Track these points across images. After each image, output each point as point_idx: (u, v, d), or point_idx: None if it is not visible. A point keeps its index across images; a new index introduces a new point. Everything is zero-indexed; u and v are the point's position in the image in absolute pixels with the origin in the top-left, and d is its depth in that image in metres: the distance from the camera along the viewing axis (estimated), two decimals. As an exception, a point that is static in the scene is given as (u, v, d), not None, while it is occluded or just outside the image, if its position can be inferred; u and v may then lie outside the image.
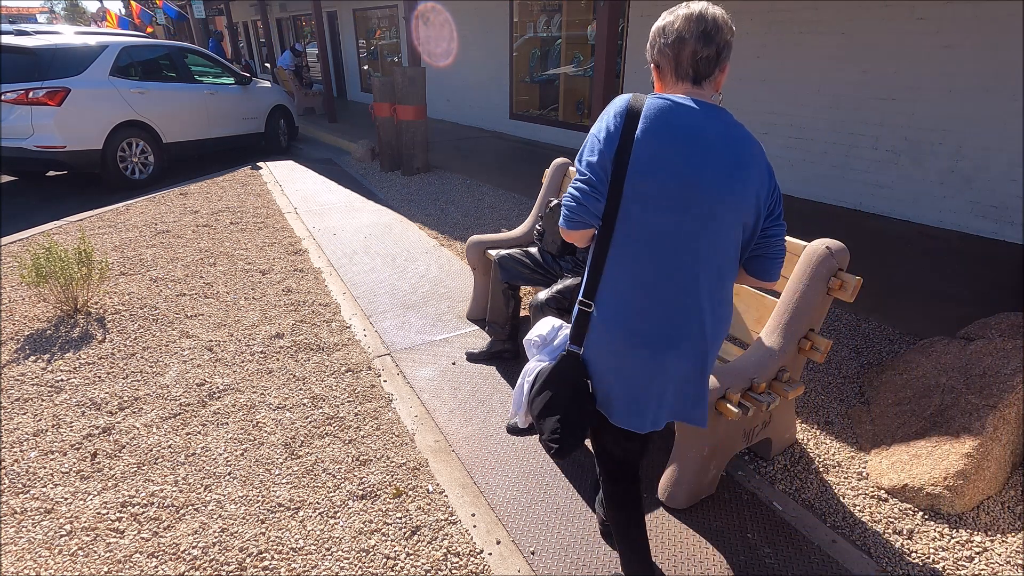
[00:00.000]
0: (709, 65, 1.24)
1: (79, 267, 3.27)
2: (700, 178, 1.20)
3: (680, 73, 1.25)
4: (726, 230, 1.24)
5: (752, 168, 1.23)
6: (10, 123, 5.59)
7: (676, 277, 1.25)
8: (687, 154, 1.20)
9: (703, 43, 1.21)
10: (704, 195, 1.20)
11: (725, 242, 1.26)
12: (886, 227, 4.91)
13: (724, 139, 1.21)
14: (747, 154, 1.22)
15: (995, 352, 2.35)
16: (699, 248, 1.24)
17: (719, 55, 1.23)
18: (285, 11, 18.13)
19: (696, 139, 1.20)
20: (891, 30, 4.80)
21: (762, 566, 1.81)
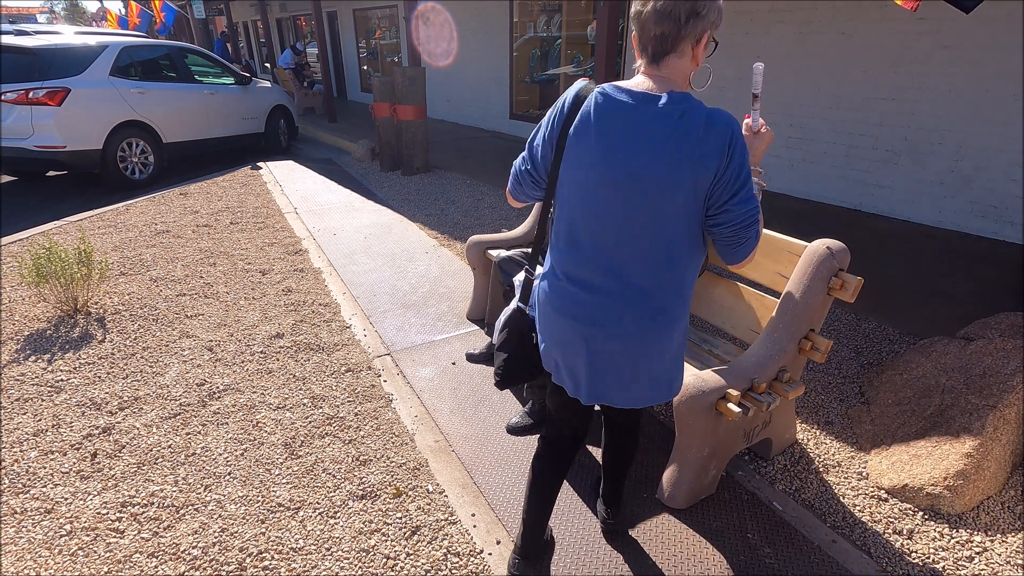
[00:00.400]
0: (665, 43, 1.19)
1: (79, 267, 3.27)
2: (626, 166, 1.20)
3: (641, 50, 1.24)
4: (661, 216, 1.22)
5: (690, 155, 1.16)
6: (10, 123, 5.59)
7: (601, 260, 1.29)
8: (615, 144, 1.21)
9: (656, 20, 1.17)
10: (630, 182, 1.20)
11: (661, 228, 1.23)
12: (886, 227, 4.91)
13: (656, 128, 1.18)
14: (687, 141, 1.16)
15: (995, 352, 2.35)
16: (627, 233, 1.25)
17: (679, 31, 1.17)
18: (285, 11, 18.13)
19: (626, 129, 1.20)
20: (891, 30, 4.80)
21: (762, 566, 1.81)
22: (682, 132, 1.16)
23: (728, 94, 6.19)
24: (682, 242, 1.25)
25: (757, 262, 2.20)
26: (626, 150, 1.20)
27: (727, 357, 2.25)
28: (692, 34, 1.18)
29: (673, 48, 1.20)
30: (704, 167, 1.17)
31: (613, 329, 1.31)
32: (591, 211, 1.27)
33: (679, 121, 1.17)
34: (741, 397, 1.86)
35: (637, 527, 1.96)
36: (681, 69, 1.23)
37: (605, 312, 1.31)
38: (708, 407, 1.86)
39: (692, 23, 1.17)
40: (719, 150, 1.16)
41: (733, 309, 2.32)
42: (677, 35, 1.18)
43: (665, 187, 1.18)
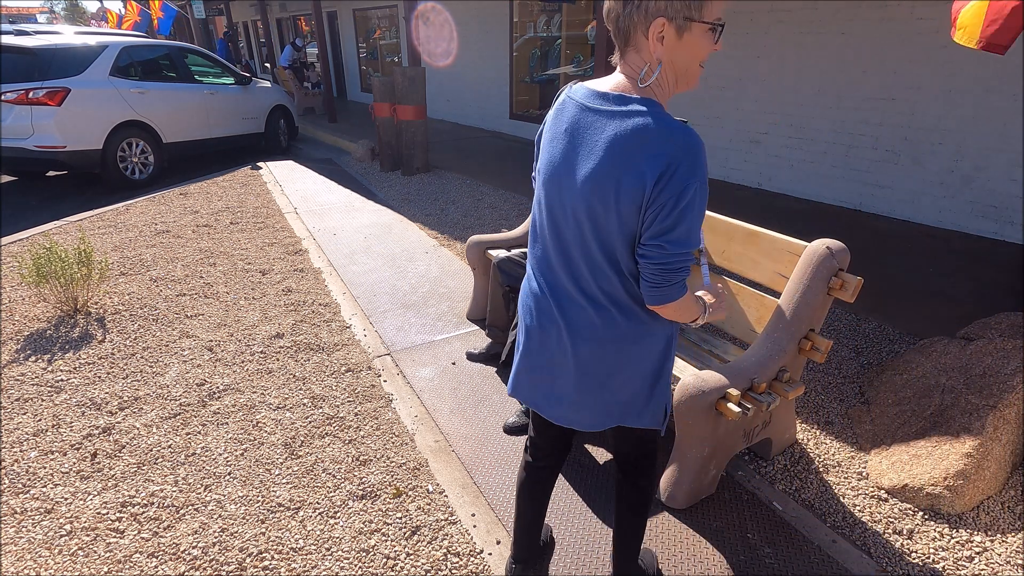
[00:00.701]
0: (619, 34, 1.08)
1: (79, 267, 3.27)
2: (566, 176, 1.15)
3: (615, 42, 1.13)
4: (599, 224, 1.12)
5: (630, 170, 1.03)
6: (10, 123, 5.59)
7: (551, 262, 1.26)
8: (560, 151, 1.16)
9: (609, 7, 1.07)
10: (567, 195, 1.15)
11: (594, 249, 1.15)
12: (886, 227, 4.91)
13: (602, 137, 1.07)
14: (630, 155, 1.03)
15: (995, 352, 2.35)
16: (565, 250, 1.21)
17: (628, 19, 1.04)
18: (285, 11, 18.13)
19: (572, 136, 1.14)
20: (891, 30, 4.80)
21: (762, 566, 1.81)
22: (625, 139, 1.04)
23: (728, 94, 6.19)
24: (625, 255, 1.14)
25: (756, 262, 2.20)
26: (572, 152, 1.14)
27: (727, 357, 2.25)
28: (640, 22, 1.03)
29: (627, 41, 1.08)
30: (640, 186, 1.03)
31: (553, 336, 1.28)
32: (546, 211, 1.23)
33: (628, 129, 1.04)
34: (741, 397, 1.86)
35: (637, 527, 1.95)
36: (640, 65, 1.08)
37: (547, 317, 1.28)
38: (708, 407, 1.86)
39: (634, 5, 1.02)
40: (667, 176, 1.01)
41: (733, 309, 2.32)
42: (628, 23, 1.05)
43: (601, 194, 1.08)
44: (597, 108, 1.11)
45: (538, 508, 1.62)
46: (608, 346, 1.23)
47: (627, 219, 1.08)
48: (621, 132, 1.05)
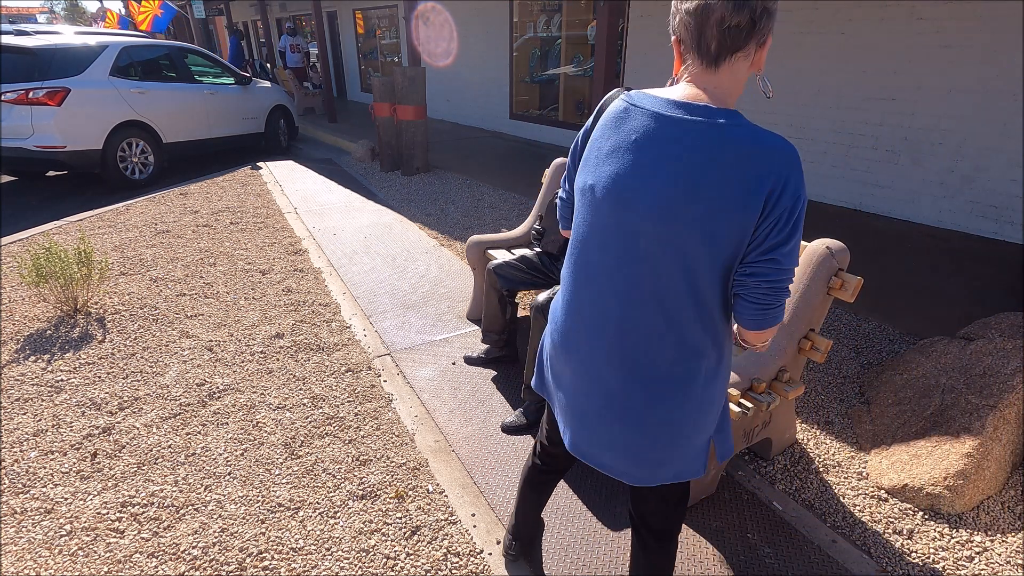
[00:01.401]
0: (738, 37, 0.96)
1: (79, 267, 3.27)
2: (634, 196, 1.01)
3: (696, 49, 1.00)
4: (665, 259, 1.01)
5: (719, 192, 0.94)
6: (10, 123, 5.59)
7: (597, 305, 1.10)
8: (625, 165, 1.02)
9: (733, 9, 0.94)
10: (635, 215, 1.01)
11: (664, 275, 1.02)
12: (886, 227, 4.91)
13: (685, 154, 0.96)
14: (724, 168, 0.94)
15: (995, 352, 2.35)
16: (622, 276, 1.06)
17: (754, 24, 0.95)
18: (285, 11, 18.12)
19: (647, 148, 1.00)
20: (891, 30, 4.80)
21: (762, 566, 1.81)
22: (720, 157, 0.95)
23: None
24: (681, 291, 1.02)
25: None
26: (644, 169, 1.00)
27: (727, 357, 2.25)
28: (761, 33, 0.98)
29: (743, 46, 0.97)
30: (744, 204, 0.94)
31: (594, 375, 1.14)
32: (595, 234, 1.09)
33: (718, 142, 0.95)
34: (741, 397, 1.86)
35: (637, 527, 1.96)
36: (740, 75, 1.01)
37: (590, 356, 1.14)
38: (708, 407, 1.86)
39: (765, 20, 0.97)
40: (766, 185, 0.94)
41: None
42: (751, 30, 0.96)
43: (682, 220, 0.97)
44: (680, 118, 0.98)
45: (541, 500, 1.68)
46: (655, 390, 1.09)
47: (726, 240, 0.97)
48: (721, 147, 0.95)
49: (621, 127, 1.05)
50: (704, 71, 1.01)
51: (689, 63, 1.03)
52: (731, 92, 1.01)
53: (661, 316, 1.05)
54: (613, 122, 1.07)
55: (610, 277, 1.08)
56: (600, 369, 1.13)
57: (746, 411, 1.80)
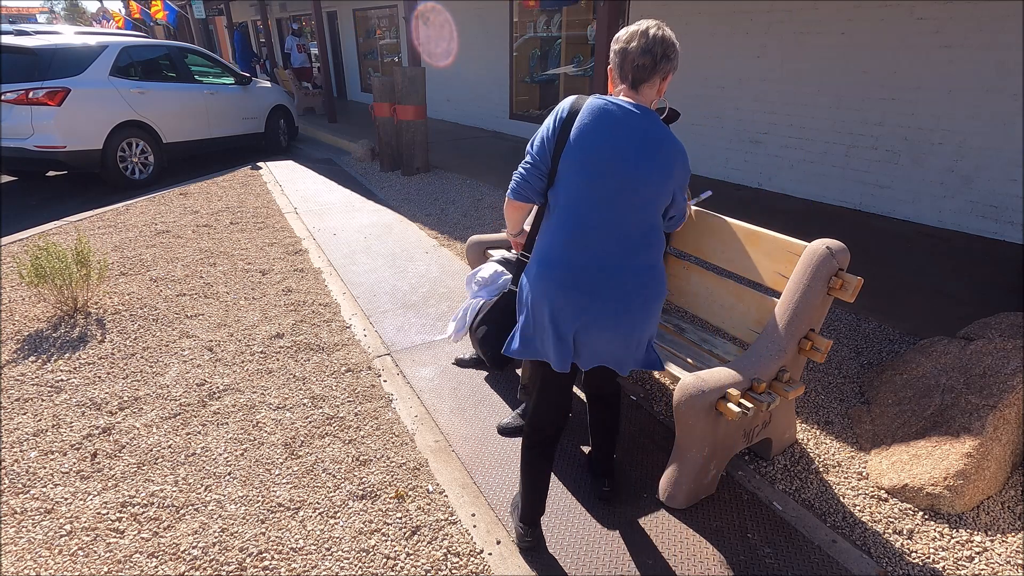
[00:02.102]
0: (644, 72, 1.50)
1: (78, 267, 3.27)
2: (619, 156, 1.47)
3: (622, 77, 1.54)
4: (643, 200, 1.51)
5: (663, 158, 1.50)
6: (10, 123, 5.59)
7: (597, 236, 1.52)
8: (610, 137, 1.48)
9: (640, 53, 1.48)
10: (621, 170, 1.48)
11: (642, 210, 1.52)
12: (886, 227, 4.91)
13: (643, 132, 1.49)
14: (661, 149, 1.49)
15: (995, 352, 2.35)
16: (617, 212, 1.51)
17: (655, 66, 1.49)
18: (285, 11, 18.12)
19: (620, 128, 1.48)
20: (891, 30, 4.80)
21: (762, 566, 1.81)
22: (668, 144, 1.51)
23: (728, 94, 6.19)
24: (653, 221, 1.57)
25: (756, 262, 2.21)
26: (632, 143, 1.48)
27: (727, 357, 2.25)
28: (662, 72, 1.51)
29: (648, 78, 1.51)
30: (679, 173, 1.56)
31: (607, 299, 1.53)
32: (593, 197, 1.50)
33: (663, 134, 1.51)
34: (741, 397, 1.86)
35: (637, 527, 1.96)
36: (649, 97, 1.55)
37: (600, 284, 1.53)
38: (708, 407, 1.86)
39: (664, 64, 1.50)
40: (680, 164, 1.55)
41: (733, 309, 2.32)
42: (653, 68, 1.49)
43: (653, 182, 1.50)
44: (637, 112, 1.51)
45: (545, 478, 1.79)
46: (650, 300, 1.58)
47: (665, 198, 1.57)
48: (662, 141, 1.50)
49: (604, 117, 1.50)
50: (628, 91, 1.55)
51: (620, 87, 1.56)
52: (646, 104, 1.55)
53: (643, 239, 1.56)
54: (598, 113, 1.50)
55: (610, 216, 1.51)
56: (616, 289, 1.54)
57: (746, 411, 1.80)
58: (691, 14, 6.31)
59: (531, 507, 1.82)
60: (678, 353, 2.27)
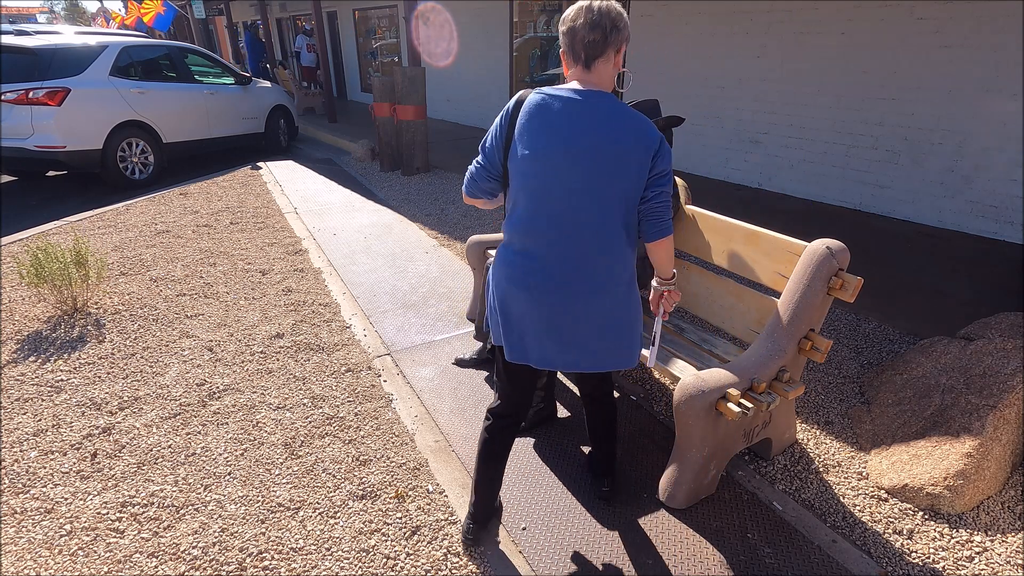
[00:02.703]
0: (596, 48, 1.44)
1: (76, 268, 3.27)
2: (560, 152, 1.43)
3: (575, 58, 1.48)
4: (595, 194, 1.45)
5: (611, 142, 1.42)
6: (10, 123, 5.59)
7: (567, 229, 1.48)
8: (550, 133, 1.44)
9: (589, 29, 1.42)
10: (564, 166, 1.44)
11: (596, 206, 1.46)
12: (886, 227, 4.91)
13: (587, 120, 1.43)
14: (609, 132, 1.42)
15: (995, 352, 2.35)
16: (572, 207, 1.46)
17: (605, 39, 1.43)
18: (285, 11, 18.11)
19: (560, 121, 1.44)
20: (891, 30, 4.80)
21: (762, 566, 1.81)
22: (618, 123, 1.43)
23: (728, 94, 6.19)
24: (613, 213, 1.48)
25: (756, 262, 2.21)
26: (574, 134, 1.43)
27: (727, 357, 2.25)
28: (614, 43, 1.45)
29: (602, 53, 1.44)
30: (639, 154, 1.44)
31: (560, 293, 1.51)
32: (544, 189, 1.47)
33: (610, 115, 1.43)
34: (741, 397, 1.86)
35: (637, 527, 1.96)
36: (607, 73, 1.48)
37: (554, 278, 1.51)
38: (708, 407, 1.86)
39: (615, 35, 1.44)
40: (648, 142, 1.44)
41: (733, 309, 2.32)
42: (604, 42, 1.43)
43: (603, 171, 1.43)
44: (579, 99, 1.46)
45: (500, 466, 1.81)
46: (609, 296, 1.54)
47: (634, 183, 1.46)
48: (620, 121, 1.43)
49: (547, 111, 1.46)
50: (582, 72, 1.49)
51: (574, 68, 1.50)
52: (603, 84, 1.49)
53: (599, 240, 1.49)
54: (538, 109, 1.47)
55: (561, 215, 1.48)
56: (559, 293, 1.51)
57: (746, 411, 1.80)
58: (691, 14, 6.31)
59: (479, 500, 1.81)
60: (678, 353, 2.27)
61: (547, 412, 2.47)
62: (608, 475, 2.06)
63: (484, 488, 1.81)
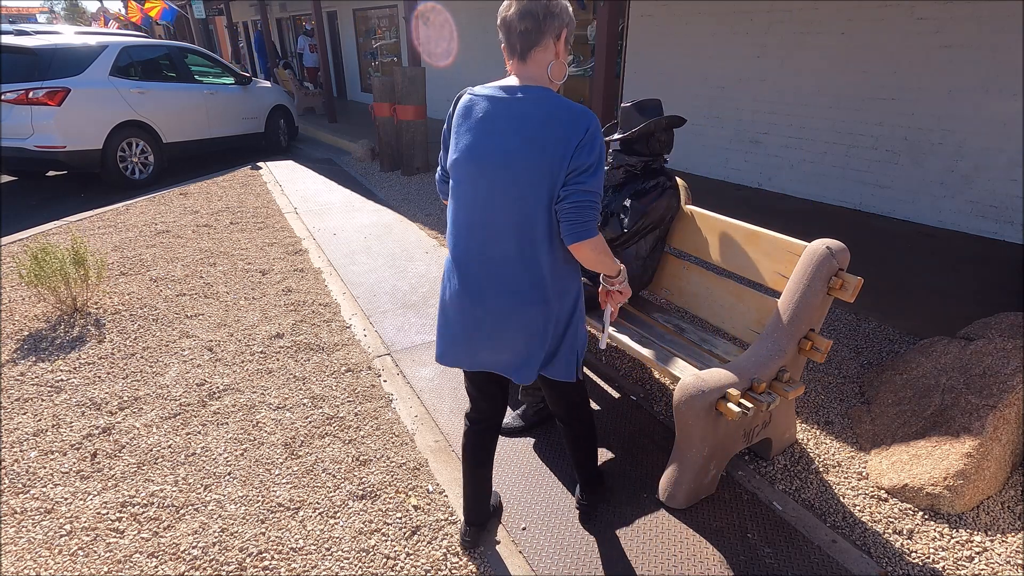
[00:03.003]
0: (531, 37, 1.36)
1: (75, 268, 3.27)
2: (485, 152, 1.38)
3: (510, 50, 1.40)
4: (524, 195, 1.37)
5: (547, 140, 1.33)
6: (10, 123, 5.59)
7: (481, 236, 1.44)
8: (476, 133, 1.40)
9: (520, 17, 1.35)
10: (489, 168, 1.38)
11: (523, 207, 1.38)
12: (886, 227, 4.91)
13: (521, 118, 1.35)
14: (546, 127, 1.33)
15: (995, 352, 2.35)
16: (496, 213, 1.41)
17: (540, 27, 1.35)
18: (285, 11, 18.12)
19: (485, 121, 1.39)
20: (891, 30, 4.80)
21: (762, 566, 1.81)
22: (543, 119, 1.34)
23: (728, 94, 6.19)
24: (537, 218, 1.39)
25: (756, 262, 2.21)
26: (491, 136, 1.38)
27: (727, 357, 2.25)
28: (551, 30, 1.37)
29: (538, 42, 1.37)
30: (563, 152, 1.33)
31: (479, 300, 1.47)
32: (467, 195, 1.44)
33: (537, 109, 1.34)
34: (741, 397, 1.86)
35: (637, 527, 1.96)
36: (545, 63, 1.40)
37: (476, 285, 1.47)
38: (708, 407, 1.86)
39: (549, 20, 1.35)
40: (577, 138, 1.33)
41: (733, 309, 2.32)
42: (539, 31, 1.35)
43: (527, 168, 1.35)
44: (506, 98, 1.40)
45: (484, 470, 1.79)
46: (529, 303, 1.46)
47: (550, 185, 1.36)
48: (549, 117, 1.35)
49: (471, 114, 1.42)
50: (518, 64, 1.41)
51: (510, 62, 1.42)
52: (540, 77, 1.41)
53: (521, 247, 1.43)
54: (464, 111, 1.44)
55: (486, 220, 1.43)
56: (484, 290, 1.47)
57: (746, 411, 1.80)
58: (691, 14, 6.31)
59: (469, 503, 1.82)
60: (678, 353, 2.27)
61: (547, 412, 2.47)
62: (585, 488, 1.97)
63: (472, 492, 1.81)
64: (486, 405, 1.76)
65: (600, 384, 2.78)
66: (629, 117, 2.37)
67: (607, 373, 2.86)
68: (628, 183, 2.47)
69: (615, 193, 2.49)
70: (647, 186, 2.41)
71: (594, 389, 2.74)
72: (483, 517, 1.86)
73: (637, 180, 2.45)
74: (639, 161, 2.40)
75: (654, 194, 2.40)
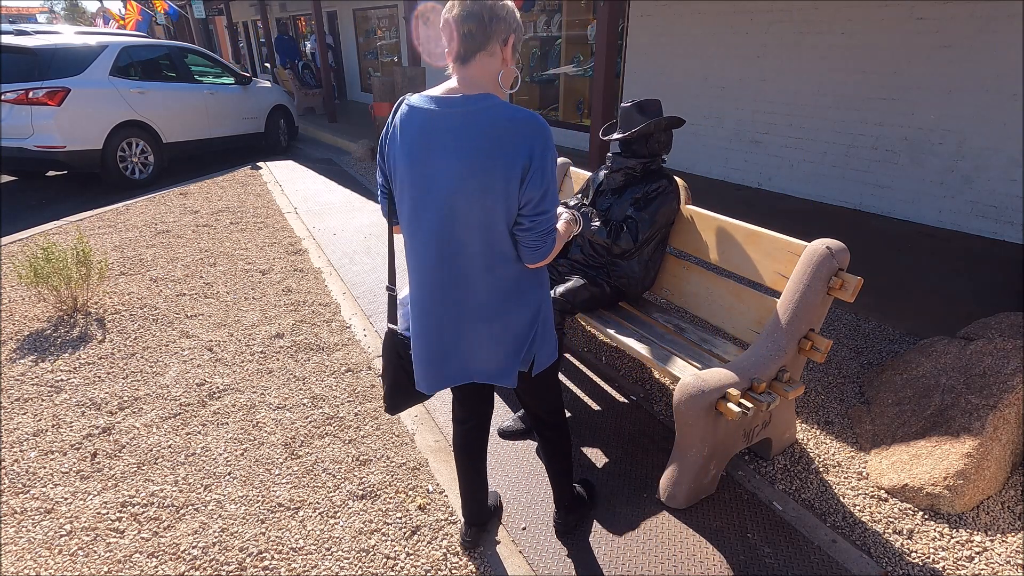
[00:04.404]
0: (474, 40, 1.27)
1: (77, 267, 3.27)
2: (432, 171, 1.29)
3: (452, 52, 1.31)
4: (472, 216, 1.29)
5: (496, 156, 1.24)
6: (10, 123, 5.59)
7: (437, 262, 1.36)
8: (417, 151, 1.30)
9: (463, 19, 1.26)
10: (437, 186, 1.29)
11: (476, 227, 1.30)
12: (886, 227, 4.91)
13: (462, 132, 1.25)
14: (487, 141, 1.24)
15: (995, 352, 2.35)
16: (448, 236, 1.32)
17: (485, 30, 1.26)
18: (285, 11, 18.12)
19: (427, 136, 1.28)
20: (891, 30, 4.80)
21: (762, 566, 1.81)
22: (486, 136, 1.24)
23: (728, 94, 6.19)
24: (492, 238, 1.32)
25: (756, 262, 2.21)
26: (426, 152, 1.28)
27: (727, 357, 2.25)
28: (497, 34, 1.28)
29: (483, 46, 1.28)
30: (512, 165, 1.24)
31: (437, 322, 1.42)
32: (408, 217, 1.37)
33: (479, 123, 1.24)
34: (741, 397, 1.86)
35: (637, 527, 1.96)
36: (490, 68, 1.31)
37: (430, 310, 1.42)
38: (708, 407, 1.86)
39: (495, 23, 1.27)
40: (528, 153, 1.24)
41: (733, 309, 2.32)
42: (485, 33, 1.26)
43: (468, 185, 1.26)
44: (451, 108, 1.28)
45: (477, 468, 1.78)
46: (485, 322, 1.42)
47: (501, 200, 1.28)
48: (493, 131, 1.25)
49: (408, 125, 1.31)
50: (460, 67, 1.31)
51: (452, 65, 1.33)
52: (483, 83, 1.31)
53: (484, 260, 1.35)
54: (401, 122, 1.33)
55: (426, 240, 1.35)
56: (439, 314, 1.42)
57: (746, 411, 1.80)
58: (691, 14, 6.31)
59: (467, 503, 1.82)
60: (678, 353, 2.27)
61: None
62: (559, 506, 1.88)
63: (468, 488, 1.80)
64: (467, 406, 1.73)
65: (600, 384, 2.78)
66: (629, 117, 2.37)
67: (607, 373, 2.86)
68: (628, 187, 2.46)
69: (616, 198, 2.48)
70: (650, 191, 2.40)
71: (594, 389, 2.74)
72: (483, 517, 1.85)
73: (637, 183, 2.44)
74: (638, 163, 2.40)
75: (659, 200, 2.39)
